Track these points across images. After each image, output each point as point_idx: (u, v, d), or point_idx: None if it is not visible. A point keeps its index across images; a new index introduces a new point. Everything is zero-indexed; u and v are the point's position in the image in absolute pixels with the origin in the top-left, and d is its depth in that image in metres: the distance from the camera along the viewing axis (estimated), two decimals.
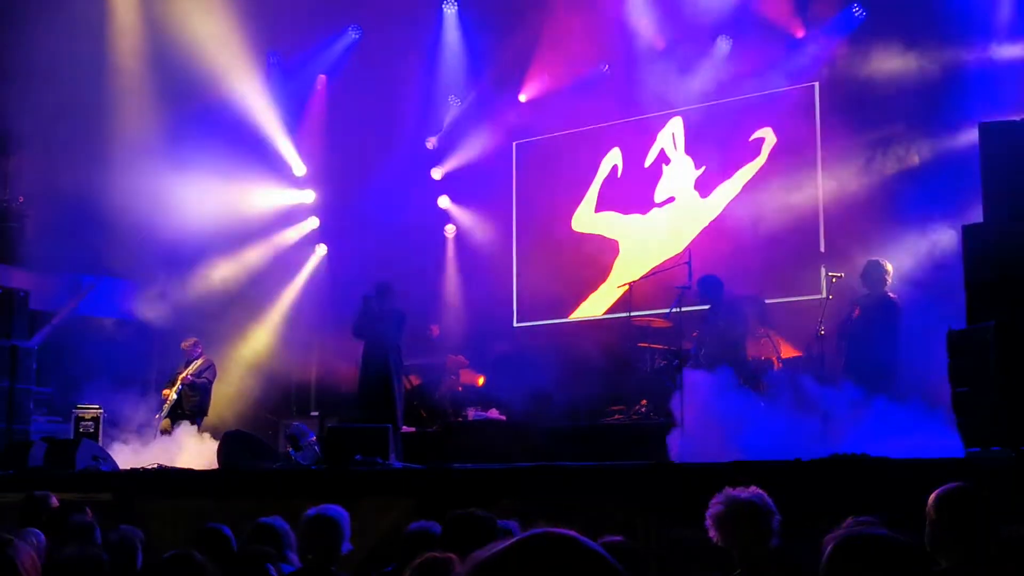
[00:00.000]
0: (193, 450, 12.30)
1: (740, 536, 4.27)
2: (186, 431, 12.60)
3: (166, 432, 13.03)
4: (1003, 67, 11.20)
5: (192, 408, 13.08)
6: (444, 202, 16.44)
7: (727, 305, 10.72)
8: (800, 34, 13.06)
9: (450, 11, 15.36)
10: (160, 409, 13.18)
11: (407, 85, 16.04)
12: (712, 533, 4.33)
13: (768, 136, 13.42)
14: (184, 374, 13.10)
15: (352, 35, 15.79)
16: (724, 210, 13.74)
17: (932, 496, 4.06)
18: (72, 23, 13.11)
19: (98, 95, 14.04)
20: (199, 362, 13.22)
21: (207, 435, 12.65)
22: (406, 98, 16.21)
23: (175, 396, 13.01)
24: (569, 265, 14.94)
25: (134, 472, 10.81)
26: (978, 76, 11.09)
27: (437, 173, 16.44)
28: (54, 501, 6.75)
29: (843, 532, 2.79)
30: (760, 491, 4.35)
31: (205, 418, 13.24)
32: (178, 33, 14.03)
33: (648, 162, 14.63)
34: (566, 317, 15.01)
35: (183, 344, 13.41)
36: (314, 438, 11.13)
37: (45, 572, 4.47)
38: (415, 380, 14.12)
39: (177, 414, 13.04)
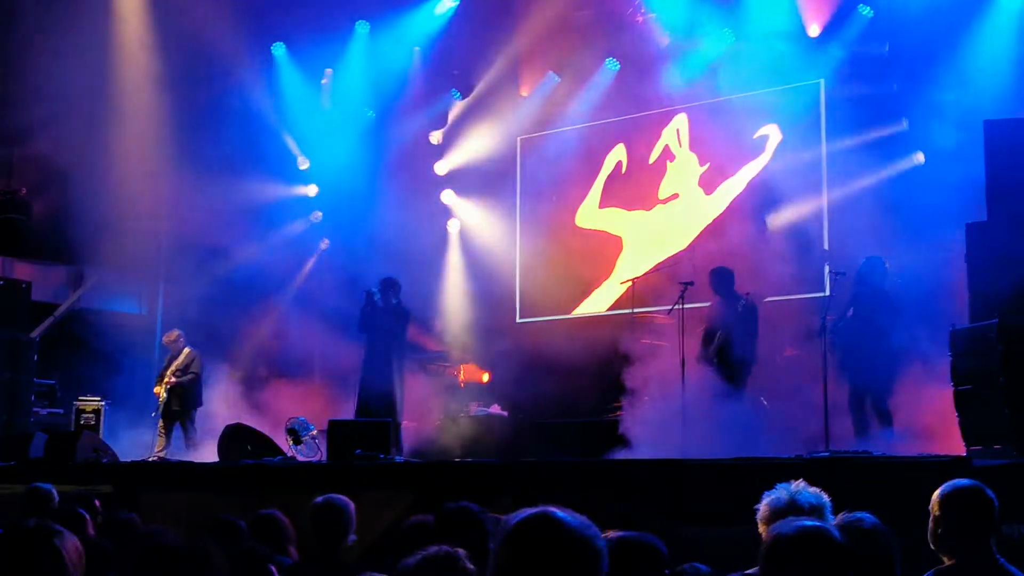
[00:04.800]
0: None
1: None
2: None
3: (163, 429, 12.98)
4: (1009, 65, 11.16)
5: (183, 404, 12.98)
6: (448, 197, 16.41)
7: (740, 299, 10.69)
8: (807, 32, 13.00)
9: (453, 4, 15.30)
10: (156, 408, 13.08)
11: (411, 79, 16.02)
12: (763, 521, 4.17)
13: (773, 133, 13.38)
14: (170, 372, 12.96)
15: (361, 30, 15.73)
16: (728, 207, 13.70)
17: (936, 493, 4.03)
18: (78, 15, 13.11)
19: (103, 87, 14.04)
20: (184, 355, 13.10)
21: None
22: (410, 92, 16.19)
23: (165, 395, 12.93)
24: (572, 261, 14.91)
25: (134, 464, 10.81)
26: (984, 74, 11.05)
27: (441, 168, 16.41)
28: (56, 495, 6.75)
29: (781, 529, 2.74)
30: (824, 497, 4.20)
31: (199, 409, 13.14)
32: (184, 26, 14.02)
33: (652, 158, 14.59)
34: (569, 313, 14.98)
35: (165, 339, 13.27)
36: (315, 432, 11.15)
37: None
38: None
39: (171, 411, 12.95)
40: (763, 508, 4.17)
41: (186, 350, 13.16)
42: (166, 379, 12.97)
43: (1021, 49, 11.28)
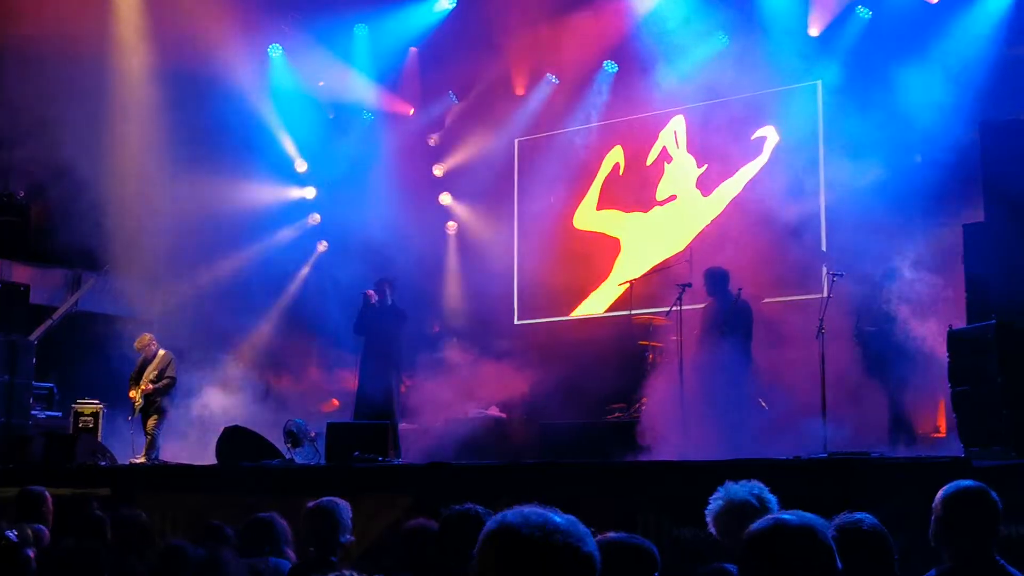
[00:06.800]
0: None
1: (734, 532, 4.23)
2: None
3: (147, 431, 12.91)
4: (1005, 66, 11.17)
5: (159, 407, 12.87)
6: (446, 199, 16.41)
7: (733, 299, 10.65)
8: (805, 33, 13.00)
9: (451, 5, 15.28)
10: (131, 412, 12.98)
11: (409, 81, 16.02)
12: (711, 527, 4.31)
13: (770, 135, 13.39)
14: (147, 377, 12.87)
15: (359, 33, 15.71)
16: (726, 208, 13.71)
17: (940, 493, 4.03)
18: (74, 19, 13.09)
19: (101, 90, 14.03)
20: (159, 358, 12.92)
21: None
22: (408, 94, 16.20)
23: (141, 401, 12.82)
24: (570, 263, 14.92)
25: (132, 467, 10.80)
26: (980, 75, 11.06)
27: (439, 170, 16.41)
28: (48, 497, 6.75)
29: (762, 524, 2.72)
30: (760, 486, 4.31)
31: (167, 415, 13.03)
32: (182, 28, 14.01)
33: (650, 160, 14.60)
34: (567, 315, 14.99)
35: (137, 344, 13.03)
36: (313, 434, 11.14)
37: (44, 565, 4.48)
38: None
39: (148, 414, 12.86)
40: (709, 522, 4.29)
41: (161, 352, 12.97)
42: (143, 384, 12.83)
43: (1017, 49, 11.29)
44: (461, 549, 4.49)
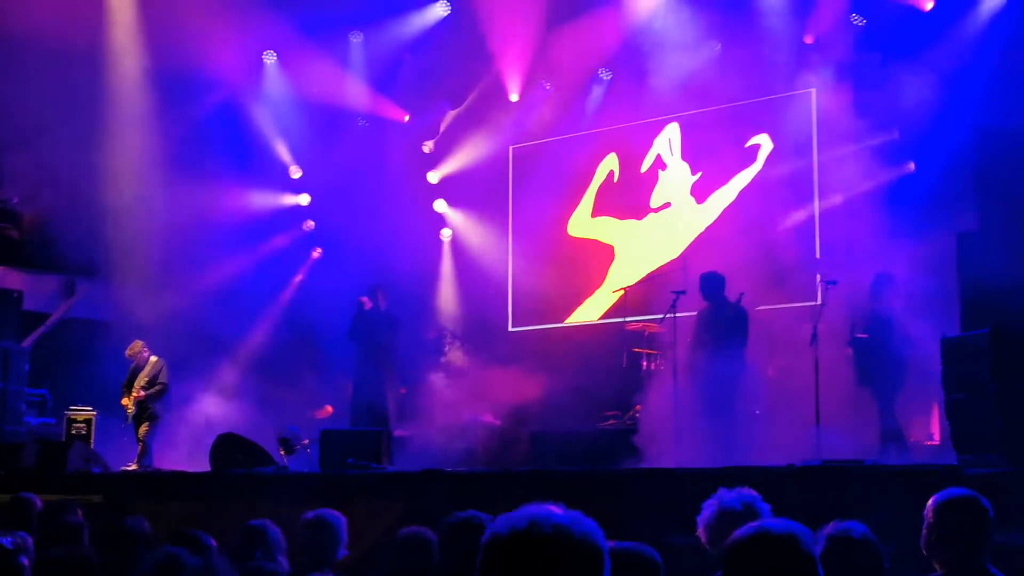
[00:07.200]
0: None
1: (724, 541, 4.23)
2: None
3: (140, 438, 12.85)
4: (999, 74, 11.18)
5: (152, 413, 12.82)
6: (440, 206, 16.41)
7: (730, 304, 10.62)
8: (799, 40, 13.01)
9: (445, 13, 15.28)
10: (125, 419, 12.92)
11: (403, 88, 16.02)
12: (702, 535, 4.31)
13: (764, 142, 13.40)
14: (138, 384, 12.86)
15: (354, 40, 15.70)
16: (720, 216, 13.72)
17: (931, 501, 4.02)
18: (68, 24, 13.08)
19: (94, 96, 14.01)
20: (150, 365, 12.85)
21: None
22: (403, 101, 16.20)
23: (134, 408, 12.76)
24: (565, 270, 14.92)
25: (125, 474, 10.75)
26: (974, 82, 11.07)
27: (433, 177, 16.41)
28: (39, 503, 6.74)
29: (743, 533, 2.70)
30: (753, 495, 4.32)
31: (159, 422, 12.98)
32: (176, 35, 14.00)
33: (644, 167, 14.61)
34: (561, 322, 14.99)
35: (129, 352, 12.94)
36: (306, 442, 11.12)
37: (33, 573, 4.46)
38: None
39: (141, 422, 12.80)
40: (700, 530, 4.29)
41: (152, 359, 12.90)
42: (134, 391, 12.77)
43: (1011, 57, 11.31)
44: (464, 557, 4.47)
